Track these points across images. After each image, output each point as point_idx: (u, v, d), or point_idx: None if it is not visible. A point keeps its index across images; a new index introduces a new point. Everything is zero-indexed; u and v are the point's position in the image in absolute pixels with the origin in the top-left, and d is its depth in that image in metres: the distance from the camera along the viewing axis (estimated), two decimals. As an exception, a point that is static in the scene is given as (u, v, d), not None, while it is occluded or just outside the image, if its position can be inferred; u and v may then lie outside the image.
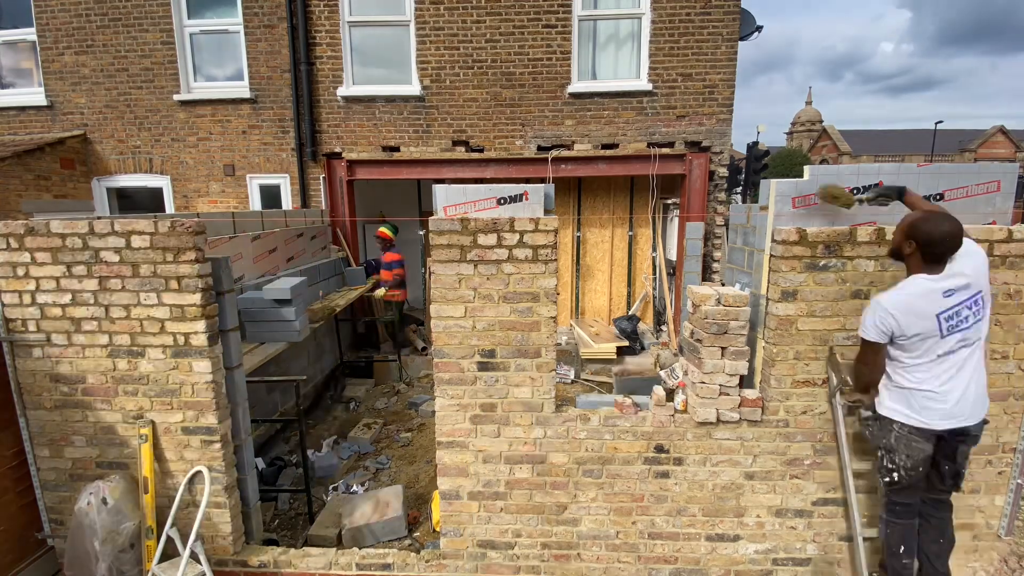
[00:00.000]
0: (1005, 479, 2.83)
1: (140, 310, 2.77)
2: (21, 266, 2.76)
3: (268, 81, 7.04)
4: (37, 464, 2.99)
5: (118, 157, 7.37)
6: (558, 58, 6.82)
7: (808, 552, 2.93)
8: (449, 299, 2.74)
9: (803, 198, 2.75)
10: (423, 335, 7.50)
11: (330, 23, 6.83)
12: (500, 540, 3.00)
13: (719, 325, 2.65)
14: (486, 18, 6.72)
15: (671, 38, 6.69)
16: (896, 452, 2.40)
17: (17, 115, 7.35)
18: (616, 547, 2.98)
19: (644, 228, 7.86)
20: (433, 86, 6.94)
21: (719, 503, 2.89)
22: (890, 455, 2.43)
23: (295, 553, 3.11)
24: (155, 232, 2.68)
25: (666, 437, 2.84)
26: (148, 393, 2.87)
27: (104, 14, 6.97)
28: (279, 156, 7.23)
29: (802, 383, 2.74)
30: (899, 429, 2.38)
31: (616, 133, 6.99)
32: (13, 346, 2.85)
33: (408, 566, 3.03)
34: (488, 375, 2.81)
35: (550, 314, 2.74)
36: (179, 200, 7.42)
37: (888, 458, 2.44)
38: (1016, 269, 2.59)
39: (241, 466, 3.11)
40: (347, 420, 5.64)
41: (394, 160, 7.15)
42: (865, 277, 2.62)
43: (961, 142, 43.47)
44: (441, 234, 2.68)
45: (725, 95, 6.82)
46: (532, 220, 2.66)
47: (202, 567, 2.77)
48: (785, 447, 2.81)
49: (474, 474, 2.93)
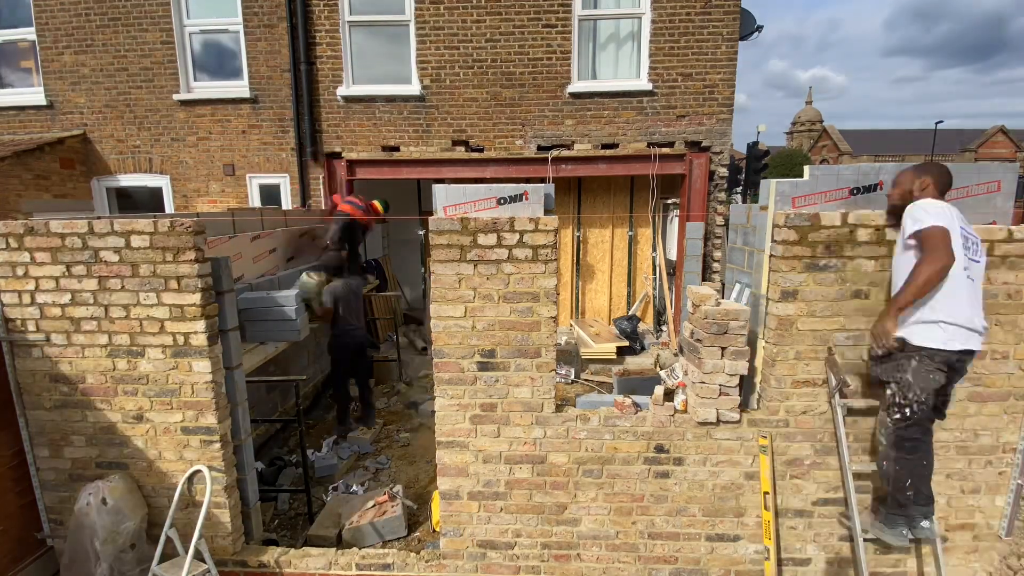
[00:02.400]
0: (1005, 479, 2.83)
1: (140, 310, 2.77)
2: (21, 266, 2.76)
3: (268, 81, 7.03)
4: (36, 464, 2.99)
5: (118, 157, 7.37)
6: (558, 58, 6.82)
7: (808, 552, 2.93)
8: (449, 299, 2.74)
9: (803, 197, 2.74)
10: (423, 335, 7.49)
11: (330, 23, 6.83)
12: (500, 540, 3.00)
13: (719, 325, 2.65)
14: (486, 18, 6.72)
15: (671, 38, 6.69)
16: (912, 387, 2.44)
17: (17, 115, 7.35)
18: (616, 547, 2.97)
19: (644, 228, 7.85)
20: (433, 86, 6.94)
21: (719, 503, 2.89)
22: (903, 390, 2.47)
23: (295, 553, 3.11)
24: (155, 232, 2.67)
25: (666, 437, 2.84)
26: (148, 393, 2.87)
27: (104, 13, 6.96)
28: (279, 156, 7.23)
29: (802, 383, 2.74)
30: (921, 360, 2.42)
31: (616, 133, 6.99)
32: (13, 346, 2.85)
33: (408, 566, 3.03)
34: (488, 375, 2.81)
35: (550, 314, 2.74)
36: (179, 200, 7.41)
37: (900, 394, 2.48)
38: (1016, 269, 2.59)
39: (241, 466, 3.11)
40: (347, 420, 5.63)
41: (394, 160, 7.15)
42: (865, 277, 2.62)
43: (961, 142, 43.50)
44: (441, 234, 2.68)
45: (725, 95, 6.81)
46: (532, 220, 2.65)
47: (207, 564, 2.76)
48: (785, 447, 2.81)
49: (474, 474, 2.93)
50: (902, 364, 2.48)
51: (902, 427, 2.52)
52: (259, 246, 5.19)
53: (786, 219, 2.60)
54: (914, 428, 2.51)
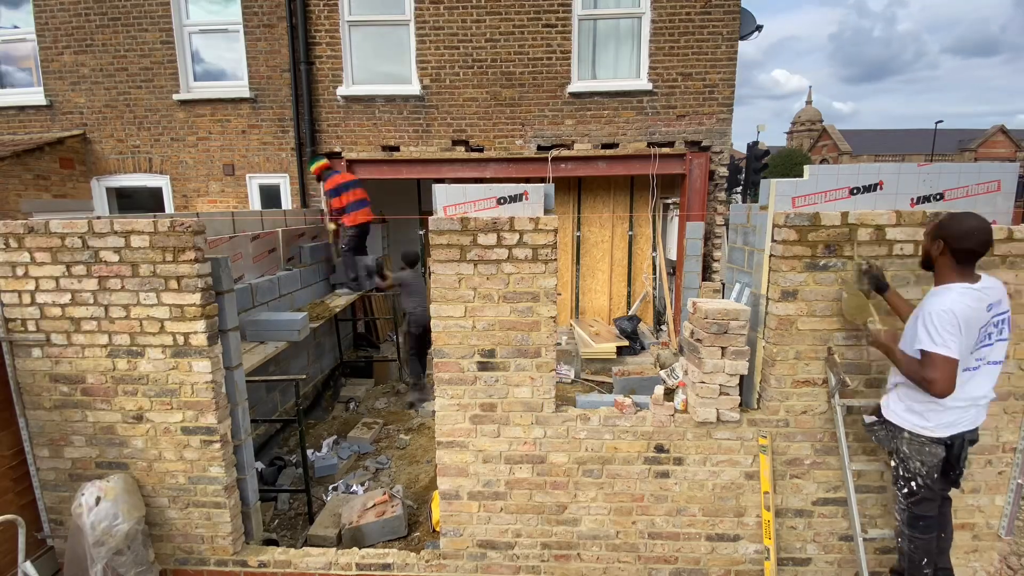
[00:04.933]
0: (1005, 479, 2.83)
1: (139, 310, 2.77)
2: (21, 266, 2.75)
3: (268, 81, 7.03)
4: (36, 464, 2.99)
5: (117, 157, 7.37)
6: (558, 57, 6.82)
7: (808, 552, 2.93)
8: (449, 299, 2.74)
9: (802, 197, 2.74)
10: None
11: (330, 22, 6.83)
12: (500, 540, 2.99)
13: (719, 325, 2.65)
14: (486, 17, 6.72)
15: (671, 37, 6.69)
16: (910, 459, 2.37)
17: (16, 115, 7.34)
18: (616, 547, 2.97)
19: (644, 228, 7.85)
20: (433, 85, 6.93)
21: (719, 503, 2.89)
22: (904, 463, 2.40)
23: (295, 553, 3.11)
24: (154, 232, 2.67)
25: (666, 437, 2.84)
26: (148, 393, 2.87)
27: (103, 13, 6.96)
28: (279, 156, 7.22)
29: (802, 383, 2.74)
30: (911, 437, 2.36)
31: (616, 133, 6.99)
32: (13, 346, 2.84)
33: (408, 566, 3.03)
34: (488, 375, 2.81)
35: (550, 314, 2.74)
36: (178, 200, 7.41)
37: (903, 467, 2.41)
38: (1016, 269, 2.59)
39: (241, 466, 3.11)
40: (347, 420, 5.64)
41: (394, 160, 7.14)
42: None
43: (961, 142, 43.53)
44: (441, 234, 2.68)
45: (725, 95, 6.81)
46: (532, 220, 2.65)
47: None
48: (785, 447, 2.81)
49: (474, 474, 2.92)
50: (895, 434, 2.41)
51: (912, 502, 2.41)
52: (259, 246, 5.20)
53: (786, 219, 2.60)
54: (925, 504, 2.39)
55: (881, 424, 2.50)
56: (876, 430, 2.54)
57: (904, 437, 2.38)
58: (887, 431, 2.47)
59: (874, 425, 2.55)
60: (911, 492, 2.40)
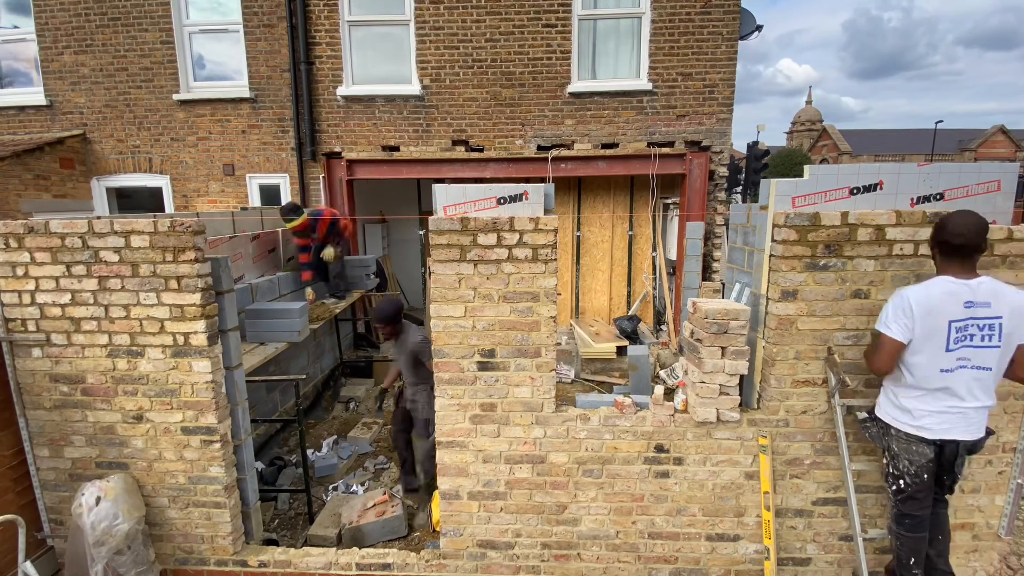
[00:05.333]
0: (1005, 479, 2.83)
1: (140, 310, 2.77)
2: (21, 266, 2.75)
3: (268, 81, 7.03)
4: (37, 464, 2.99)
5: (117, 157, 7.37)
6: (558, 57, 6.82)
7: (808, 552, 2.93)
8: (449, 299, 2.74)
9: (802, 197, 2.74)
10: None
11: (330, 22, 6.83)
12: (500, 540, 3.00)
13: (719, 325, 2.65)
14: (486, 17, 6.72)
15: (671, 37, 6.69)
16: (899, 458, 2.41)
17: (16, 115, 7.35)
18: (616, 547, 2.97)
19: (644, 228, 7.85)
20: (433, 85, 6.94)
21: (719, 503, 2.89)
22: (894, 461, 2.43)
23: (295, 553, 3.11)
24: (154, 232, 2.67)
25: (666, 437, 2.84)
26: (148, 393, 2.87)
27: (103, 13, 6.96)
28: (279, 156, 7.23)
29: (802, 383, 2.74)
30: (897, 434, 2.40)
31: (616, 133, 6.99)
32: (13, 346, 2.85)
33: (408, 566, 3.03)
34: (488, 375, 2.81)
35: (550, 314, 2.74)
36: (179, 200, 7.42)
37: (893, 464, 2.44)
38: (1016, 269, 2.59)
39: (241, 466, 3.11)
40: (347, 420, 5.64)
41: (394, 160, 7.15)
42: (865, 277, 2.62)
43: (961, 142, 43.51)
44: (441, 234, 2.68)
45: (725, 95, 6.82)
46: (532, 219, 2.65)
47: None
48: (785, 447, 2.81)
49: (474, 474, 2.92)
50: (885, 432, 2.44)
51: (900, 500, 2.44)
52: (259, 246, 5.19)
53: (786, 218, 2.60)
54: (912, 503, 2.41)
55: (872, 421, 2.53)
56: (868, 427, 2.57)
57: (892, 434, 2.41)
58: (878, 428, 2.50)
59: (866, 421, 2.58)
60: (899, 490, 2.44)
